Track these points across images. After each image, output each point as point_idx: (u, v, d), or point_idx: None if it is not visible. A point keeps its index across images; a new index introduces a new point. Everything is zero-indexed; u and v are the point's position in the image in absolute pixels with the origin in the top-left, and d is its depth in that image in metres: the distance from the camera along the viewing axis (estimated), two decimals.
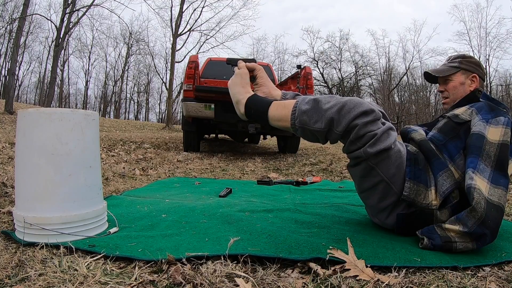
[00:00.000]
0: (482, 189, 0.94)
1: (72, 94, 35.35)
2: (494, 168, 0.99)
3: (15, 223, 1.01)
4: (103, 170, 2.45)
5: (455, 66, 1.27)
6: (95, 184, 1.06)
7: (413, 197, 1.03)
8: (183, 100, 3.95)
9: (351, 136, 0.98)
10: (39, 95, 28.69)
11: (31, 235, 0.96)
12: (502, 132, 1.03)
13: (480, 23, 22.43)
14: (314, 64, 22.62)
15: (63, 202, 0.98)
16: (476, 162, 1.00)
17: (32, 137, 0.97)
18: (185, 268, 0.79)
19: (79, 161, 1.01)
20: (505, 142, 1.02)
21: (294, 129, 1.05)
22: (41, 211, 0.97)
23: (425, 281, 0.77)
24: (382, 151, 0.99)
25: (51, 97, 12.49)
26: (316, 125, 1.00)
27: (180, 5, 14.99)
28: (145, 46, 26.98)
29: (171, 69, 14.96)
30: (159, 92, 35.13)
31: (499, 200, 0.94)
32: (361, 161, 1.02)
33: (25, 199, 0.98)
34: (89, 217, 1.02)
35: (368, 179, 1.05)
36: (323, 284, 0.75)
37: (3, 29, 21.99)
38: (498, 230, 0.93)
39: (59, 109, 0.99)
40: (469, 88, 1.25)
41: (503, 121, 1.06)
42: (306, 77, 4.25)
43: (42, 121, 0.97)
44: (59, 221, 0.97)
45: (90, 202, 1.04)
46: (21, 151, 0.99)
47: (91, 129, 1.05)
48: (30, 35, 25.21)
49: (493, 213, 0.92)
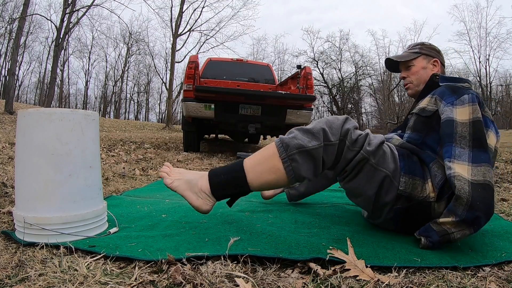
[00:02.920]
0: (463, 173, 0.94)
1: (72, 94, 35.35)
2: (472, 147, 0.98)
3: (15, 223, 1.01)
4: (103, 170, 2.45)
5: (416, 52, 1.28)
6: (95, 184, 1.06)
7: (410, 191, 1.02)
8: (183, 100, 3.95)
9: (347, 142, 0.97)
10: (39, 95, 28.69)
11: (31, 235, 0.95)
12: (470, 110, 1.03)
13: (480, 23, 22.47)
14: (314, 64, 22.62)
15: (63, 202, 0.98)
16: (450, 149, 0.99)
17: (32, 137, 0.97)
18: (185, 268, 0.79)
19: (79, 161, 1.01)
20: (476, 119, 1.01)
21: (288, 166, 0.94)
22: (41, 211, 0.96)
23: (425, 281, 0.77)
24: (379, 146, 1.00)
25: (51, 97, 12.48)
26: (312, 143, 0.95)
27: (180, 5, 14.99)
28: (145, 46, 27.00)
29: (171, 69, 14.96)
30: (159, 92, 35.14)
31: (484, 178, 0.93)
32: (364, 164, 1.00)
33: (25, 199, 0.98)
34: (89, 217, 1.02)
35: (373, 180, 1.02)
36: (323, 284, 0.75)
37: (3, 29, 22.00)
38: (492, 207, 0.92)
39: (59, 109, 0.99)
40: (431, 72, 1.25)
41: (467, 99, 1.05)
42: (306, 77, 4.25)
43: (42, 121, 0.97)
44: (59, 221, 0.97)
45: (90, 202, 1.04)
46: (21, 151, 0.99)
47: (91, 129, 1.05)
48: (30, 35, 25.22)
49: (481, 193, 0.91)
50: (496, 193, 1.95)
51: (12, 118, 9.84)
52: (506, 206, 1.61)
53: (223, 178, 0.98)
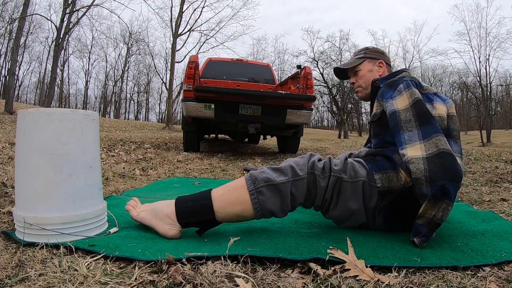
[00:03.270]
0: (417, 154, 0.97)
1: (72, 94, 35.38)
2: (419, 126, 1.02)
3: (15, 223, 1.01)
4: (103, 170, 2.45)
5: (361, 57, 1.34)
6: (95, 184, 1.06)
7: (387, 185, 1.06)
8: (183, 100, 3.95)
9: (317, 172, 1.02)
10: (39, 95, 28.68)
11: (31, 235, 0.95)
12: (407, 95, 1.08)
13: (480, 23, 22.47)
14: (314, 64, 22.61)
15: (63, 202, 0.98)
16: (399, 139, 1.04)
17: (32, 137, 0.97)
18: (185, 268, 0.79)
19: (79, 161, 1.01)
20: (416, 99, 1.06)
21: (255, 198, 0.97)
22: (41, 211, 0.96)
23: (425, 281, 0.77)
24: (344, 162, 1.07)
25: (51, 97, 12.48)
26: (280, 178, 0.99)
27: (180, 5, 14.99)
28: (145, 46, 27.00)
29: (171, 69, 14.96)
30: (159, 92, 35.17)
31: (437, 148, 0.97)
32: (340, 184, 1.04)
33: (25, 199, 0.98)
34: (89, 217, 1.02)
35: (354, 194, 1.05)
36: (323, 284, 0.75)
37: (3, 29, 22.00)
38: (455, 170, 0.94)
39: (59, 109, 0.99)
40: (378, 74, 1.31)
41: (403, 87, 1.10)
42: (306, 77, 4.25)
43: (42, 121, 0.97)
44: (59, 221, 0.96)
45: (90, 202, 1.03)
46: (21, 151, 0.98)
47: (91, 129, 1.05)
48: (30, 35, 25.25)
49: (438, 162, 0.94)
50: (496, 193, 1.95)
51: (12, 118, 9.84)
52: (506, 206, 1.61)
53: (189, 204, 1.01)
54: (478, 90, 22.11)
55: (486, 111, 20.37)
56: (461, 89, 27.75)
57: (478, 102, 22.04)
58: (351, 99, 24.11)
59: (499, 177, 2.56)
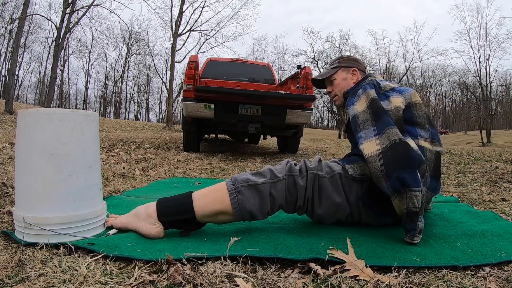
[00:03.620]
0: (373, 149, 1.03)
1: (72, 94, 35.39)
2: (374, 123, 1.09)
3: (15, 223, 1.01)
4: (103, 170, 2.45)
5: (335, 66, 1.40)
6: (95, 185, 1.06)
7: (360, 172, 1.10)
8: (183, 100, 3.95)
9: (295, 174, 1.06)
10: (39, 95, 28.69)
11: (30, 235, 0.95)
12: (364, 97, 1.16)
13: (480, 23, 22.48)
14: (314, 64, 22.62)
15: (63, 203, 0.98)
16: (358, 137, 1.11)
17: (32, 137, 0.97)
18: (185, 268, 0.79)
19: (79, 161, 1.01)
20: (371, 100, 1.13)
21: (234, 198, 0.99)
22: (41, 211, 0.96)
23: (425, 281, 0.77)
24: (319, 162, 1.12)
25: (51, 97, 12.49)
26: (260, 180, 1.03)
27: (180, 5, 14.99)
28: (145, 46, 27.01)
29: (171, 69, 14.96)
30: (159, 92, 35.18)
31: (390, 140, 1.02)
32: (318, 180, 1.07)
33: (25, 199, 0.98)
34: (88, 217, 1.02)
35: (335, 187, 1.08)
36: (323, 284, 0.75)
37: (3, 29, 22.01)
38: (407, 158, 0.98)
39: (59, 109, 0.99)
40: (352, 81, 1.36)
41: (361, 92, 1.18)
42: (306, 77, 4.25)
43: (42, 121, 0.97)
44: (59, 221, 0.96)
45: (90, 203, 1.03)
46: (21, 151, 0.99)
47: (91, 129, 1.05)
48: (30, 35, 25.27)
49: (391, 154, 0.99)
50: (496, 193, 1.95)
51: (12, 118, 9.84)
52: (506, 206, 1.61)
53: (170, 203, 1.03)
54: (478, 90, 22.11)
55: (486, 111, 20.38)
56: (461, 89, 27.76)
57: (478, 102, 22.04)
58: None
59: (499, 177, 2.56)
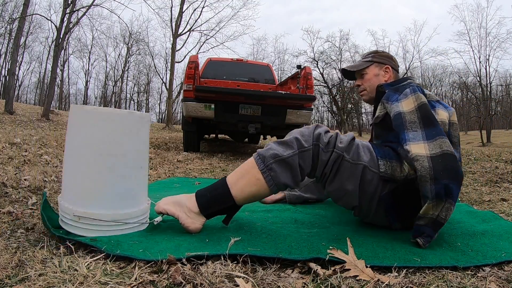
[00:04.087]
0: (421, 152, 0.99)
1: (72, 94, 35.38)
2: (423, 127, 1.05)
3: (60, 213, 1.02)
4: None
5: (368, 60, 1.36)
6: (143, 184, 1.08)
7: (391, 173, 1.08)
8: (183, 100, 3.95)
9: (321, 145, 1.04)
10: (39, 95, 28.70)
11: (79, 228, 0.97)
12: (413, 99, 1.11)
13: (480, 23, 22.47)
14: (314, 64, 22.61)
15: (114, 201, 0.99)
16: (404, 136, 1.06)
17: (87, 136, 0.97)
18: (185, 268, 0.79)
19: (132, 162, 1.02)
20: (421, 104, 1.09)
21: (268, 176, 1.00)
22: (91, 207, 0.97)
23: (425, 281, 0.77)
24: (350, 142, 1.08)
25: (51, 97, 12.48)
26: (287, 152, 1.02)
27: (180, 5, 15.00)
28: (145, 46, 27.01)
29: (171, 69, 14.97)
30: (159, 92, 35.16)
31: (441, 149, 0.99)
32: (340, 162, 1.05)
33: (76, 194, 0.99)
34: (136, 215, 1.04)
35: (352, 175, 1.07)
36: (323, 284, 0.75)
37: (3, 29, 22.01)
38: (457, 171, 0.97)
39: (117, 110, 1.00)
40: (383, 79, 1.32)
41: (409, 92, 1.14)
42: (306, 77, 4.26)
43: (100, 121, 0.97)
44: (108, 219, 0.98)
45: (137, 201, 1.05)
46: (74, 147, 1.00)
47: (145, 131, 1.06)
48: (30, 35, 25.25)
49: (442, 162, 0.96)
50: (496, 193, 1.95)
51: (12, 118, 9.84)
52: (506, 206, 1.61)
53: (209, 196, 1.04)
54: (478, 90, 22.11)
55: (486, 111, 20.38)
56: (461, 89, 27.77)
57: (478, 102, 22.04)
58: (351, 99, 24.12)
59: (499, 177, 2.57)
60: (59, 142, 4.41)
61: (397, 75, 1.35)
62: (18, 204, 1.40)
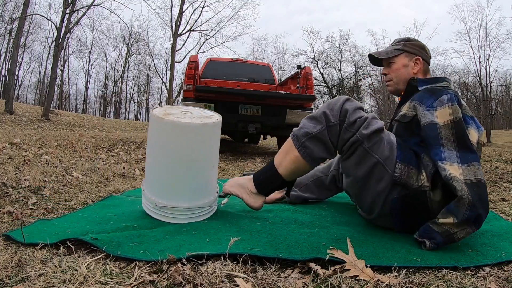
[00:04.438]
0: (457, 175, 0.95)
1: (72, 94, 35.39)
2: (458, 148, 1.00)
3: (144, 202, 1.23)
4: (103, 170, 2.45)
5: (398, 48, 1.26)
6: (214, 179, 1.27)
7: (405, 179, 1.04)
8: (183, 100, 3.95)
9: (345, 124, 1.04)
10: (39, 95, 28.69)
11: (160, 215, 1.17)
12: (449, 111, 1.04)
13: (480, 23, 22.40)
14: (314, 64, 22.60)
15: (190, 195, 1.17)
16: (440, 152, 1.00)
17: (167, 143, 1.14)
18: (185, 268, 0.79)
19: (205, 163, 1.20)
20: (456, 119, 1.03)
21: (304, 153, 1.07)
22: (171, 200, 1.15)
23: (425, 281, 0.77)
24: (375, 132, 1.04)
25: (51, 97, 12.48)
26: (316, 128, 1.06)
27: (180, 5, 15.01)
28: (145, 47, 27.00)
29: (171, 69, 14.98)
30: (159, 92, 35.16)
31: (476, 177, 0.95)
32: (357, 146, 1.05)
33: (158, 188, 1.19)
34: (207, 205, 1.21)
35: (364, 164, 1.06)
36: (323, 284, 0.75)
37: (3, 29, 22.01)
38: (488, 204, 0.95)
39: (192, 123, 1.13)
40: (412, 71, 1.24)
41: (446, 100, 1.06)
42: (306, 77, 4.25)
43: (177, 132, 1.13)
44: (186, 208, 1.16)
45: (209, 194, 1.23)
46: (156, 150, 1.18)
47: (216, 136, 1.23)
48: (30, 35, 25.25)
49: (477, 191, 0.93)
50: (496, 193, 1.95)
51: (12, 118, 9.84)
52: (506, 206, 1.61)
53: (262, 178, 1.18)
54: (478, 90, 22.11)
55: (486, 111, 20.37)
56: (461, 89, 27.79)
57: (478, 102, 22.04)
58: None
59: (499, 177, 2.57)
60: (59, 142, 4.41)
61: (427, 67, 1.26)
62: (18, 204, 1.40)
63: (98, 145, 4.48)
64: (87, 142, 4.79)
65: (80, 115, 19.40)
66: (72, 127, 10.40)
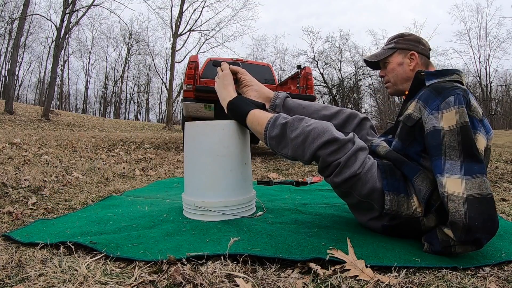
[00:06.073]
0: (457, 189, 0.87)
1: (72, 94, 35.40)
2: (463, 158, 0.90)
3: (184, 206, 1.29)
4: (103, 170, 2.45)
5: (391, 47, 1.20)
6: (248, 177, 1.31)
7: (396, 209, 0.99)
8: (183, 100, 3.95)
9: (319, 166, 1.02)
10: (39, 95, 28.70)
11: (199, 215, 1.22)
12: (456, 114, 0.93)
13: (480, 23, 22.45)
14: (314, 64, 22.62)
15: (225, 191, 1.23)
16: (440, 164, 0.92)
17: (200, 143, 1.23)
18: (185, 268, 0.79)
19: (237, 159, 1.25)
20: (463, 124, 0.92)
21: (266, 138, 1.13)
22: (208, 197, 1.22)
23: (425, 281, 0.77)
24: (349, 178, 0.98)
25: (51, 97, 12.47)
26: (284, 151, 1.09)
27: (180, 5, 15.01)
28: (145, 47, 27.02)
29: (171, 69, 14.99)
30: (159, 92, 35.17)
31: (480, 191, 0.86)
32: (334, 187, 1.05)
33: (195, 188, 1.25)
34: (244, 202, 1.27)
35: (348, 199, 1.08)
36: (323, 284, 0.75)
37: (3, 29, 22.00)
38: (494, 222, 0.85)
39: (221, 121, 1.24)
40: (409, 68, 1.16)
41: (453, 102, 0.95)
42: (306, 77, 4.26)
43: (208, 130, 1.23)
44: (222, 205, 1.22)
45: (244, 191, 1.28)
46: (191, 152, 1.26)
47: (245, 134, 1.30)
48: (30, 35, 25.26)
49: (479, 209, 0.84)
50: (496, 193, 1.95)
51: (12, 118, 9.84)
52: (506, 206, 1.61)
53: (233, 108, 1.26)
54: (478, 90, 22.12)
55: (486, 111, 20.38)
56: None
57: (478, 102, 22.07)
58: (351, 99, 24.13)
59: (499, 177, 2.57)
60: (59, 142, 4.42)
61: (426, 60, 1.18)
62: (18, 204, 1.40)
63: (98, 145, 4.48)
64: (87, 142, 4.79)
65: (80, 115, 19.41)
66: (72, 127, 10.40)
